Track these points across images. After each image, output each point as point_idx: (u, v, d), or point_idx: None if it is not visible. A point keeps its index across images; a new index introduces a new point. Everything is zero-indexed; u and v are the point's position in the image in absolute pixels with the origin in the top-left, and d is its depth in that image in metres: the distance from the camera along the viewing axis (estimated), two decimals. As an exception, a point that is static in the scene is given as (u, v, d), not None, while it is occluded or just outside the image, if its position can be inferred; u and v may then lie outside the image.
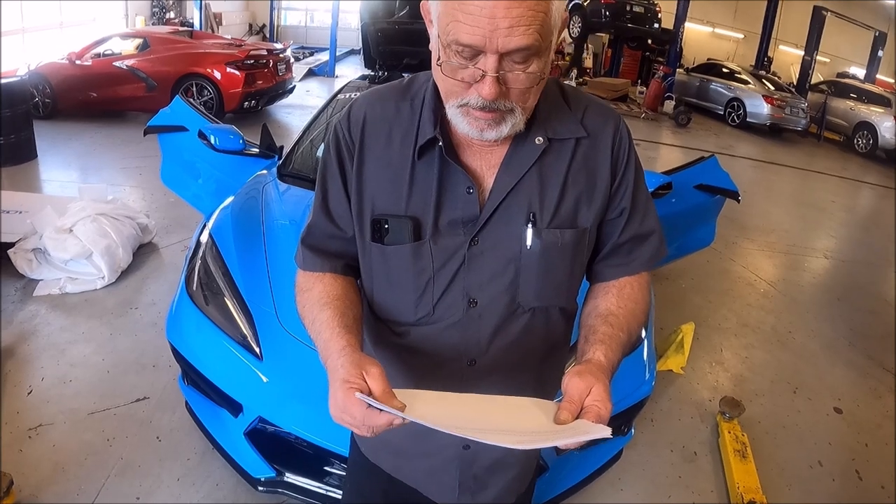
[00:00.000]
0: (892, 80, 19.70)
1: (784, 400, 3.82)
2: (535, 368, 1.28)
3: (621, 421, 2.62)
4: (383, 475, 1.40)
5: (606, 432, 0.93)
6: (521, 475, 1.41)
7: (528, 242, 1.15)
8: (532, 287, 1.18)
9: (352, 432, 1.31)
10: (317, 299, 1.21)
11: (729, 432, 3.25)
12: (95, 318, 3.84)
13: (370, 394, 0.98)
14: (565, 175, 1.16)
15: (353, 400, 0.97)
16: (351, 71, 15.80)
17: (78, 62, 9.05)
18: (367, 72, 4.95)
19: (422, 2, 1.07)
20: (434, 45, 1.04)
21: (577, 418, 0.98)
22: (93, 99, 9.12)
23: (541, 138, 1.14)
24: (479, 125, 1.05)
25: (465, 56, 0.98)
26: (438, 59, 1.02)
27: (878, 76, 19.39)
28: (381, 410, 0.95)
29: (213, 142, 3.74)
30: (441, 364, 1.23)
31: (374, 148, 1.18)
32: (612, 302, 1.22)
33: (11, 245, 4.22)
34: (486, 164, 1.16)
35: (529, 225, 1.14)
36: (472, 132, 1.06)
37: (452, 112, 1.06)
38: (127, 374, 3.33)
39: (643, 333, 2.75)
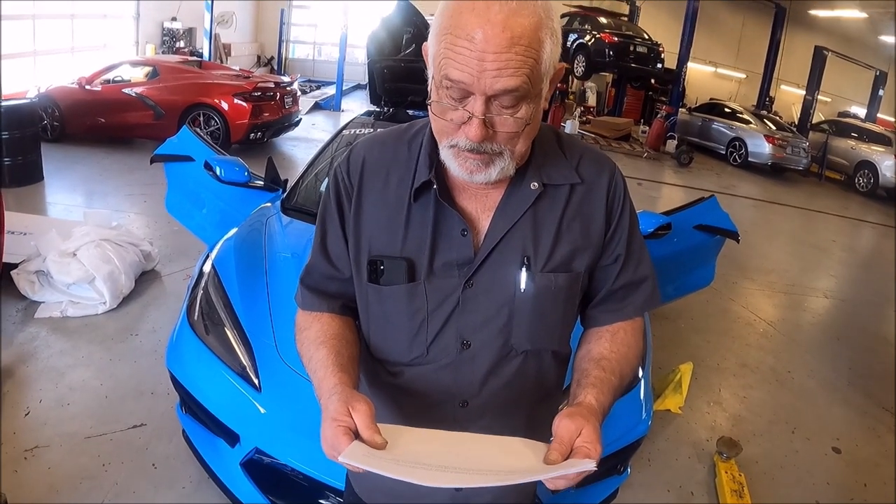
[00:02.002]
0: (892, 119, 19.90)
1: (782, 440, 3.81)
2: (527, 411, 1.29)
3: (617, 460, 2.62)
4: None
5: (591, 465, 0.95)
6: None
7: (522, 286, 1.17)
8: (525, 330, 1.20)
9: (347, 470, 1.32)
10: (313, 338, 1.24)
11: (726, 472, 3.24)
12: (96, 342, 3.85)
13: (356, 430, 1.01)
14: (559, 220, 1.18)
15: (341, 438, 0.99)
16: (357, 105, 15.93)
17: (87, 87, 9.15)
18: (373, 107, 5.01)
19: (424, 43, 1.11)
20: (430, 85, 1.08)
21: (566, 459, 0.99)
22: (101, 124, 9.21)
23: (536, 183, 1.16)
24: (469, 166, 1.08)
25: (455, 97, 1.02)
26: (430, 99, 1.06)
27: (879, 115, 19.58)
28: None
29: (218, 173, 3.79)
30: (433, 405, 1.24)
31: (371, 190, 1.21)
32: (605, 346, 1.24)
33: (15, 266, 4.25)
34: (482, 207, 1.19)
35: (524, 269, 1.16)
36: (462, 174, 1.09)
37: (445, 153, 1.10)
38: (125, 399, 3.33)
39: (640, 373, 2.76)
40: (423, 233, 1.17)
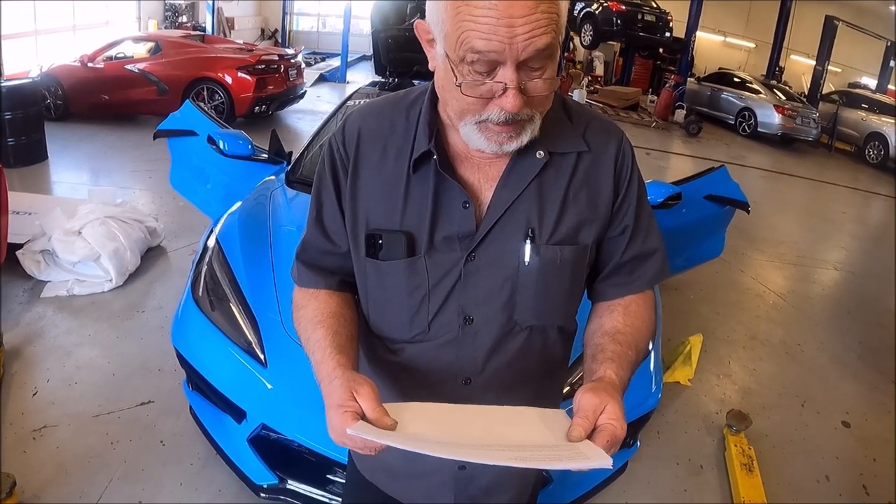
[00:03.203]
0: (903, 91, 19.66)
1: (792, 413, 3.79)
2: (531, 388, 1.25)
3: (627, 433, 2.60)
4: (380, 494, 1.38)
5: (607, 462, 0.89)
6: (519, 494, 1.38)
7: (527, 259, 1.12)
8: (529, 305, 1.16)
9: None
10: (311, 317, 1.20)
11: (735, 446, 3.22)
12: (102, 320, 3.85)
13: (362, 414, 0.97)
14: (566, 190, 1.14)
15: (348, 424, 0.95)
16: (362, 77, 15.85)
17: (90, 65, 9.11)
18: (378, 78, 4.96)
19: (416, 21, 1.05)
20: (441, 67, 1.02)
21: (589, 435, 0.94)
22: (104, 101, 9.17)
23: (542, 152, 1.11)
24: (499, 139, 1.03)
25: (480, 70, 0.96)
26: (456, 80, 0.98)
27: (890, 86, 19.35)
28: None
29: (222, 147, 3.75)
30: (436, 382, 1.21)
31: (368, 162, 1.17)
32: (619, 320, 1.19)
33: (20, 246, 4.24)
34: (484, 177, 1.14)
35: (528, 241, 1.12)
36: (490, 147, 1.04)
37: (468, 129, 1.04)
38: (132, 377, 3.33)
39: (650, 345, 2.73)
40: (423, 205, 1.12)
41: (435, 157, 1.10)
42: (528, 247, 1.12)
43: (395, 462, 1.30)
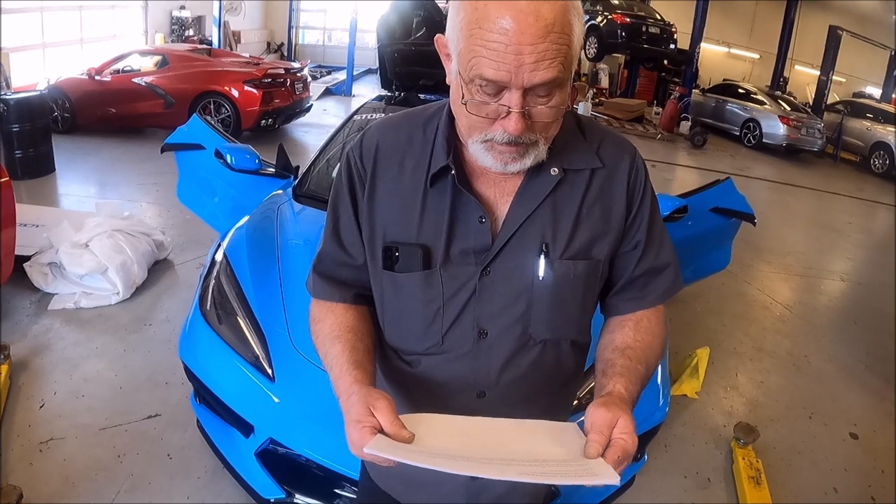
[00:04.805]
0: (908, 101, 19.63)
1: (799, 425, 3.78)
2: (545, 401, 1.27)
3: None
4: (393, 503, 1.39)
5: (615, 479, 0.90)
6: None
7: (541, 273, 1.14)
8: (544, 319, 1.17)
9: None
10: (328, 332, 1.22)
11: (743, 458, 3.21)
12: (109, 333, 3.86)
13: (380, 428, 0.99)
14: (579, 206, 1.15)
15: (367, 439, 0.97)
16: (368, 90, 15.89)
17: (97, 78, 9.15)
18: (384, 92, 4.98)
19: (437, 35, 1.07)
20: (454, 82, 1.04)
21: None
22: (111, 114, 9.21)
23: (556, 169, 1.13)
24: (504, 159, 1.05)
25: (489, 92, 0.98)
26: (462, 98, 1.01)
27: (895, 96, 19.28)
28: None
29: (229, 161, 3.77)
30: (450, 395, 1.22)
31: (386, 176, 1.18)
32: (630, 335, 1.21)
33: (27, 258, 4.26)
34: (500, 193, 1.16)
35: (542, 256, 1.13)
36: (495, 165, 1.06)
37: (476, 147, 1.06)
38: (139, 390, 3.34)
39: (660, 361, 2.73)
40: (440, 219, 1.14)
41: (453, 171, 1.12)
42: (542, 261, 1.13)
43: (409, 470, 1.30)
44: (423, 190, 1.16)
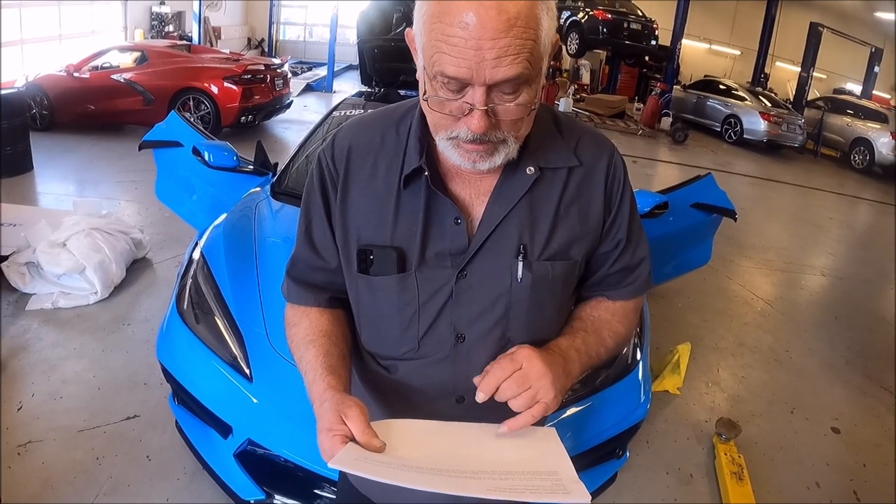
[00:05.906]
0: (888, 96, 19.88)
1: (781, 420, 3.80)
2: None
3: (616, 444, 2.59)
4: None
5: (585, 498, 0.90)
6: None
7: (520, 276, 1.12)
8: (522, 321, 1.15)
9: None
10: (303, 336, 1.20)
11: (725, 454, 3.22)
12: (88, 333, 3.81)
13: (352, 436, 0.98)
14: (557, 206, 1.13)
15: (338, 448, 0.96)
16: (349, 86, 15.83)
17: (76, 74, 9.04)
18: (364, 88, 4.95)
19: (406, 29, 1.05)
20: (420, 77, 1.01)
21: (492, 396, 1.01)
22: (90, 111, 9.11)
23: (532, 168, 1.11)
24: (471, 157, 1.02)
25: (452, 88, 0.95)
26: (425, 93, 0.99)
27: (875, 92, 19.52)
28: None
29: (207, 158, 3.72)
30: (428, 400, 1.20)
31: (358, 178, 1.16)
32: (587, 311, 1.24)
33: (5, 258, 4.20)
34: (476, 193, 1.13)
35: (520, 257, 1.11)
36: (464, 164, 1.04)
37: (443, 144, 1.04)
38: (118, 391, 3.30)
39: (638, 355, 2.73)
40: (414, 221, 1.11)
41: (426, 172, 1.10)
42: (520, 263, 1.11)
43: None
44: (396, 191, 1.13)
